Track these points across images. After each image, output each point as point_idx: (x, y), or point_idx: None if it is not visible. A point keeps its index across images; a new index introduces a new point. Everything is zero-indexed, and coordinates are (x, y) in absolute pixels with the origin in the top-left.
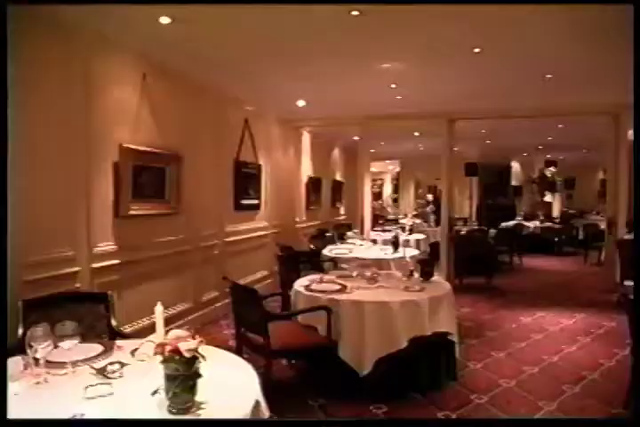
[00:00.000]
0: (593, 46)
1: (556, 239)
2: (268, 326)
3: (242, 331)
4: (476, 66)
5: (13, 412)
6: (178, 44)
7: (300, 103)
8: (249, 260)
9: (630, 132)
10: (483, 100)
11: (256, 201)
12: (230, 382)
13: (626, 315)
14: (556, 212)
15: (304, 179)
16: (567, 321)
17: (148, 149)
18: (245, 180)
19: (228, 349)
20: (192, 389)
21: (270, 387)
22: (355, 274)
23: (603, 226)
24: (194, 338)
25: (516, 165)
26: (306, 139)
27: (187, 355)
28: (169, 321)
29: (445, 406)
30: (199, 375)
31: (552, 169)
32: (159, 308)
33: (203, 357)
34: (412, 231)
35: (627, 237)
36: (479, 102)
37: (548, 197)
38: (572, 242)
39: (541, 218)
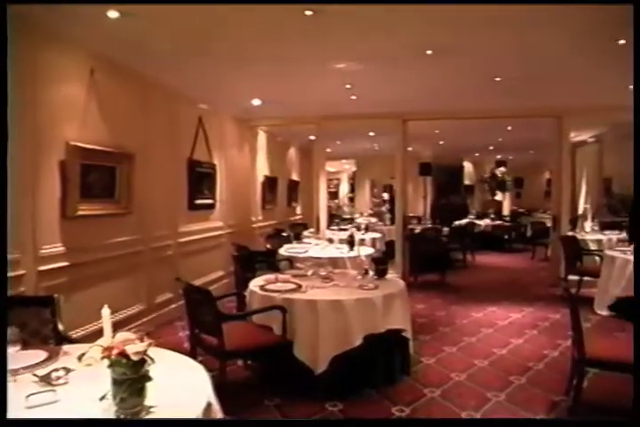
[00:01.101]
0: (539, 51)
1: (506, 237)
2: (222, 327)
3: (196, 332)
4: (428, 68)
5: None
6: (127, 39)
7: (256, 102)
8: (204, 260)
9: (573, 135)
10: (435, 101)
11: (211, 201)
12: (182, 384)
13: (568, 308)
14: (506, 210)
15: (260, 178)
16: (516, 315)
17: (97, 147)
18: (200, 179)
19: (183, 351)
20: (141, 392)
21: (226, 388)
22: (310, 273)
23: (549, 223)
24: (142, 340)
25: (468, 165)
26: (262, 138)
27: (134, 358)
28: (122, 324)
29: (399, 400)
30: (149, 378)
31: (502, 169)
32: (106, 311)
33: (151, 359)
34: (367, 230)
35: (570, 233)
36: (432, 103)
37: (498, 196)
38: (521, 239)
39: (492, 216)
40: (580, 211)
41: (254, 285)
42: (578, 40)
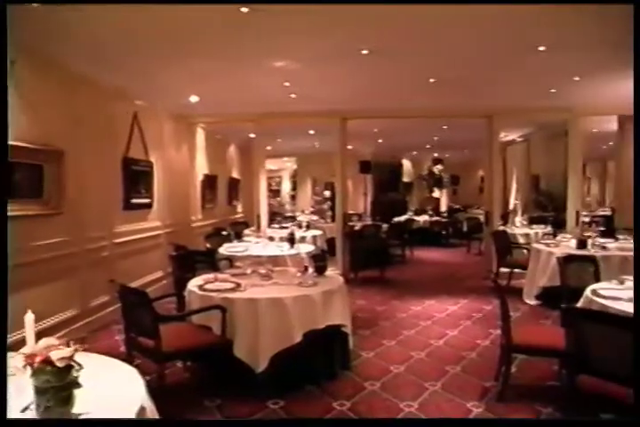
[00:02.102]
0: (470, 54)
1: (444, 232)
2: (159, 329)
3: (132, 335)
4: (365, 67)
5: None
6: (55, 31)
7: (193, 99)
8: (142, 261)
9: (503, 134)
10: (373, 100)
11: (148, 200)
12: (114, 389)
13: (498, 299)
14: (443, 206)
15: (199, 176)
16: (452, 307)
17: (21, 143)
18: (136, 178)
19: (119, 355)
20: (67, 401)
21: (164, 391)
22: (249, 271)
23: (483, 219)
24: (68, 346)
25: (406, 163)
26: (200, 135)
27: (59, 364)
28: (53, 330)
29: (340, 395)
30: (77, 385)
31: (439, 167)
32: (29, 316)
33: (79, 365)
34: (308, 228)
35: (501, 228)
36: (370, 102)
37: (436, 193)
38: (457, 234)
39: (430, 213)
40: (511, 206)
41: (193, 285)
42: (503, 45)
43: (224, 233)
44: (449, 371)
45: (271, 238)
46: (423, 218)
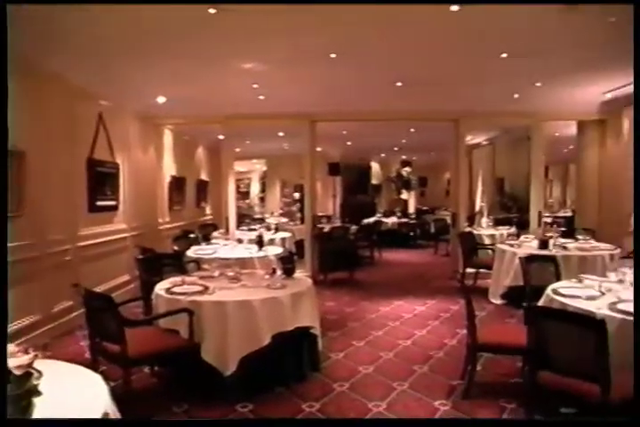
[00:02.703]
0: (435, 59)
1: (412, 234)
2: (124, 334)
3: (97, 341)
4: (333, 70)
5: None
6: (15, 25)
7: (161, 99)
8: (108, 265)
9: (469, 137)
10: (342, 102)
11: (114, 202)
12: (76, 396)
13: (464, 299)
14: (411, 208)
15: (167, 178)
16: (420, 308)
17: None
18: (101, 179)
19: (84, 361)
20: (26, 409)
21: (131, 397)
22: (216, 274)
23: (449, 220)
24: (27, 353)
25: (375, 165)
26: (168, 137)
27: (17, 372)
28: (13, 337)
29: (309, 396)
30: (36, 393)
31: (407, 169)
32: None
33: (39, 372)
34: (277, 230)
35: (467, 229)
36: (338, 105)
37: (404, 195)
38: (425, 236)
39: (398, 214)
40: (477, 208)
41: (160, 288)
42: (467, 51)
43: (192, 235)
44: (417, 370)
45: (240, 241)
46: (392, 220)
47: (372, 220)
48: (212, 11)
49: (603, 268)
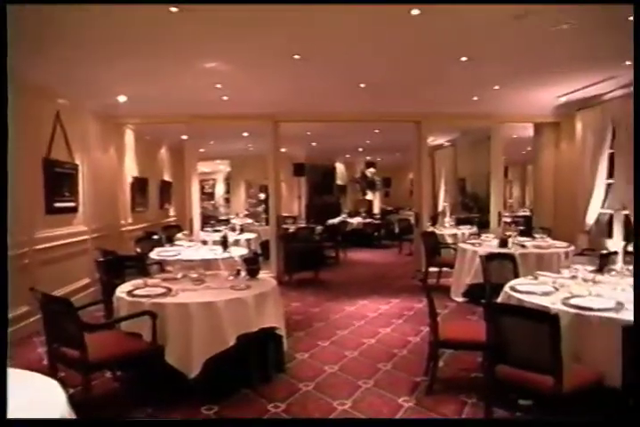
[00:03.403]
0: (397, 62)
1: (376, 233)
2: (84, 338)
3: (55, 347)
4: (297, 71)
5: None
6: None
7: (121, 98)
8: (68, 268)
9: (431, 138)
10: (306, 103)
11: (73, 204)
12: (31, 404)
13: (426, 297)
14: (376, 208)
15: (129, 179)
16: (384, 306)
17: None
18: (59, 180)
19: (42, 368)
20: None
21: (91, 403)
22: (180, 276)
23: (413, 220)
24: None
25: (340, 166)
26: (129, 137)
27: None
28: None
29: (274, 397)
30: None
31: (372, 170)
32: None
33: None
34: (242, 231)
35: (430, 229)
36: (302, 106)
37: (369, 196)
38: (389, 235)
39: (363, 215)
40: (440, 208)
41: (121, 291)
42: (428, 54)
43: (155, 237)
44: (381, 368)
45: (204, 242)
46: (356, 220)
47: (337, 220)
48: (173, 9)
49: (558, 265)
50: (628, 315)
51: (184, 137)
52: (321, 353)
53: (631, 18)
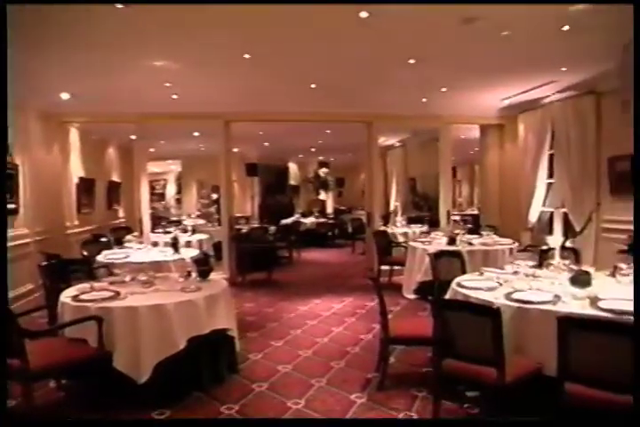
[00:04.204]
0: (347, 61)
1: (330, 233)
2: (24, 346)
3: None
4: (247, 71)
5: None
6: None
7: (64, 96)
8: (8, 273)
9: (383, 139)
10: (257, 103)
11: (13, 206)
12: None
13: (377, 295)
14: (329, 208)
15: (74, 180)
16: (337, 305)
17: None
18: None
19: None
20: None
21: (34, 414)
22: (128, 279)
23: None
24: None
25: (293, 166)
26: (74, 136)
27: None
28: None
29: (228, 399)
30: None
31: (325, 170)
32: None
33: None
34: (194, 232)
35: (382, 228)
36: (254, 105)
37: (322, 195)
38: (343, 235)
39: (316, 214)
40: (392, 207)
41: (66, 296)
42: (378, 56)
43: (103, 239)
44: (334, 366)
45: (155, 244)
46: (310, 220)
47: (290, 220)
48: (119, 6)
49: (503, 261)
50: (564, 307)
51: (133, 137)
52: (274, 353)
53: (565, 28)
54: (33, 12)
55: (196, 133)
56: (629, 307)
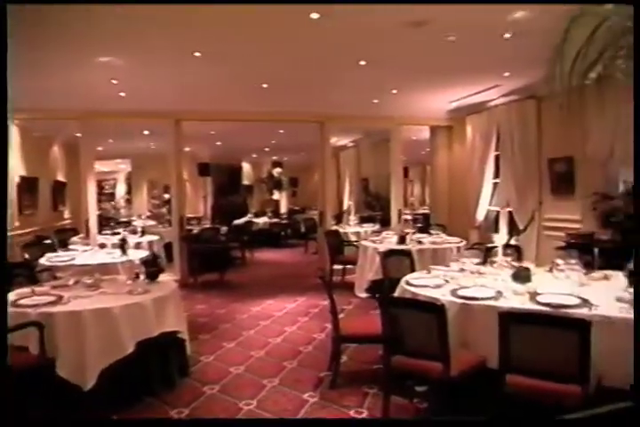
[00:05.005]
0: (298, 61)
1: (283, 233)
2: None
3: None
4: (197, 69)
5: None
6: None
7: None
8: None
9: (335, 139)
10: (208, 102)
11: None
12: None
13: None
14: (283, 208)
15: (15, 179)
16: (291, 305)
17: None
18: None
19: None
20: None
21: None
22: (72, 282)
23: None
24: None
25: (246, 166)
26: (14, 133)
27: None
28: None
29: (178, 403)
30: None
31: (278, 169)
32: None
33: None
34: (144, 233)
35: (334, 227)
36: (205, 104)
37: (275, 195)
38: (296, 235)
39: (270, 214)
40: (345, 207)
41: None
42: (329, 57)
43: (47, 242)
44: (287, 366)
45: (103, 246)
46: (263, 220)
47: (243, 220)
48: None
49: (451, 259)
50: (505, 302)
51: (79, 134)
52: (226, 355)
53: (507, 35)
54: None
55: (146, 132)
56: (565, 301)
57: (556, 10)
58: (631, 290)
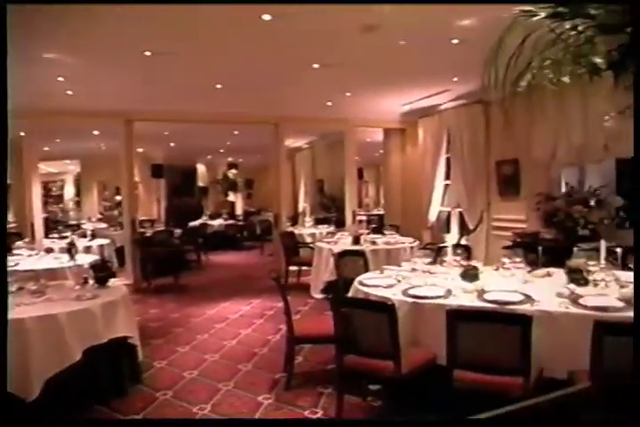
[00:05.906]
0: (252, 62)
1: (239, 235)
2: None
3: None
4: (148, 68)
5: None
6: None
7: None
8: None
9: (291, 140)
10: (161, 102)
11: None
12: None
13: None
14: (239, 210)
15: None
16: (246, 307)
17: None
18: None
19: None
20: None
21: None
22: (14, 289)
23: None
24: None
25: (201, 167)
26: None
27: None
28: None
29: (130, 410)
30: None
31: (233, 171)
32: None
33: None
34: (94, 236)
35: (290, 229)
36: (157, 104)
37: (231, 197)
38: (252, 237)
39: (225, 216)
40: (301, 208)
41: None
42: (283, 59)
43: None
44: (242, 369)
45: (49, 250)
46: (218, 222)
47: (197, 222)
48: None
49: (405, 259)
50: (454, 300)
51: (22, 133)
52: (180, 359)
53: (455, 41)
54: None
55: (96, 132)
56: (510, 298)
57: (500, 19)
58: (570, 286)
